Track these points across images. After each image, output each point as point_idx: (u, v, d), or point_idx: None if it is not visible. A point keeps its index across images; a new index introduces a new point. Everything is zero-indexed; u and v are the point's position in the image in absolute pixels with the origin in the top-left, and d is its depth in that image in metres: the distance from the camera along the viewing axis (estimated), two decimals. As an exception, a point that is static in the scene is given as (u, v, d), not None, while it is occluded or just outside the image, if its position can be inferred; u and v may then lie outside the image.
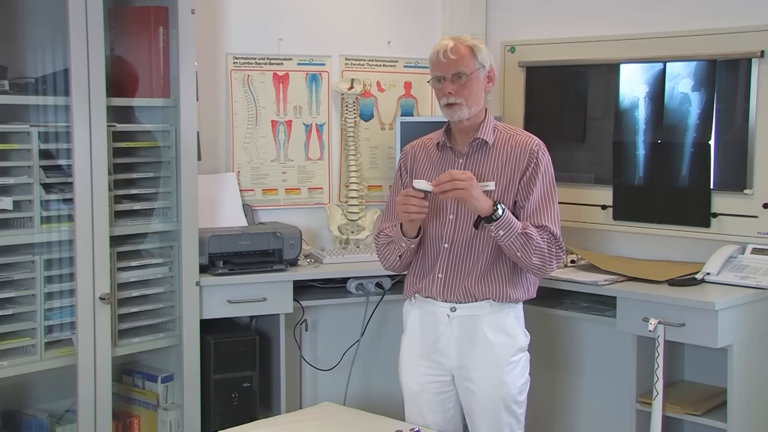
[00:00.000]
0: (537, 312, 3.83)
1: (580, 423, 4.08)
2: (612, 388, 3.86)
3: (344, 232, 4.11)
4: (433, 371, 2.96)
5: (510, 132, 2.96)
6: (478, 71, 2.89)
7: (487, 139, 2.91)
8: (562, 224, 2.94)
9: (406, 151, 3.10)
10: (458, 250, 2.91)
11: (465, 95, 2.86)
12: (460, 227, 2.90)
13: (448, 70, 2.87)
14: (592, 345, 3.99)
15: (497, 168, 2.90)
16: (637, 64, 3.85)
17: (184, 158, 3.37)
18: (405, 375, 3.03)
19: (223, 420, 3.43)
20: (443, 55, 2.87)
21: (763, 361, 3.37)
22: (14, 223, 3.09)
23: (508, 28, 4.34)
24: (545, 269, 2.86)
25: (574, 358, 4.08)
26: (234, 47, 3.97)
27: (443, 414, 2.99)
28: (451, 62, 2.86)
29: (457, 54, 2.86)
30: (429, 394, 2.98)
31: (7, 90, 3.07)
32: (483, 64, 2.90)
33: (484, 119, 2.94)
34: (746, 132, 3.56)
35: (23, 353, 3.10)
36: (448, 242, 2.92)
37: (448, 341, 2.92)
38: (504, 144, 2.92)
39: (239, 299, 3.53)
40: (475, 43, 2.92)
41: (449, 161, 2.96)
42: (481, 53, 2.90)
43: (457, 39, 2.92)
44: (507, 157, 2.90)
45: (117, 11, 3.39)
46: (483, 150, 2.93)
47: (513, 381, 2.91)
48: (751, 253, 3.51)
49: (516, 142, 2.92)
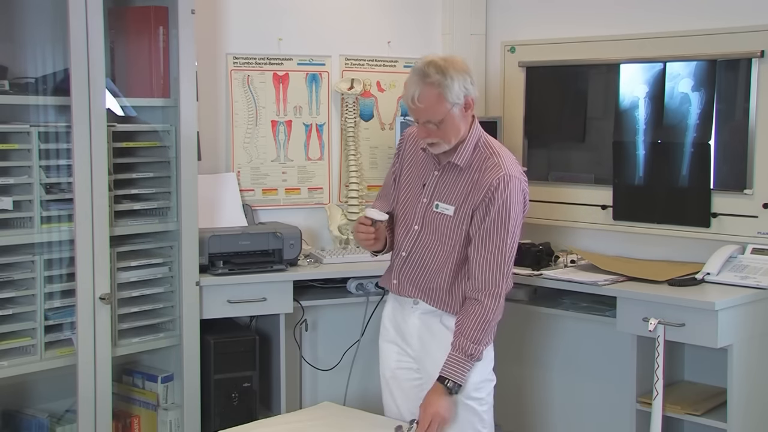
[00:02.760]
0: (537, 312, 3.84)
1: (580, 423, 4.07)
2: (612, 388, 3.86)
3: (344, 232, 4.11)
4: (402, 358, 3.00)
5: (486, 155, 2.83)
6: (451, 110, 2.75)
7: (459, 163, 2.84)
8: (562, 224, 2.94)
9: (405, 137, 3.08)
10: (414, 262, 2.92)
11: (441, 136, 2.79)
12: (422, 239, 2.90)
13: (420, 117, 2.78)
14: (592, 345, 3.99)
15: (461, 194, 2.84)
16: (637, 64, 3.85)
17: (184, 158, 3.37)
18: (380, 361, 3.07)
19: (223, 420, 3.43)
20: (411, 102, 2.76)
21: (763, 361, 3.37)
22: (14, 223, 3.09)
23: (508, 28, 4.34)
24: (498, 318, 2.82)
25: (574, 358, 4.07)
26: (234, 47, 3.97)
27: (416, 402, 2.91)
28: (419, 110, 2.76)
29: (424, 102, 2.72)
30: (400, 380, 3.01)
31: (7, 90, 3.07)
32: (456, 101, 2.73)
33: (465, 140, 2.83)
34: (746, 132, 3.56)
35: (23, 353, 3.10)
36: (406, 251, 2.93)
37: (411, 332, 2.96)
38: (474, 170, 2.83)
39: (239, 299, 3.53)
40: (444, 82, 2.71)
41: (429, 169, 2.93)
42: (452, 92, 2.71)
43: (426, 78, 2.71)
44: (472, 186, 2.82)
45: (117, 11, 3.39)
46: (455, 171, 2.86)
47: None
48: (751, 253, 3.51)
49: (483, 170, 2.80)
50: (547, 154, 4.15)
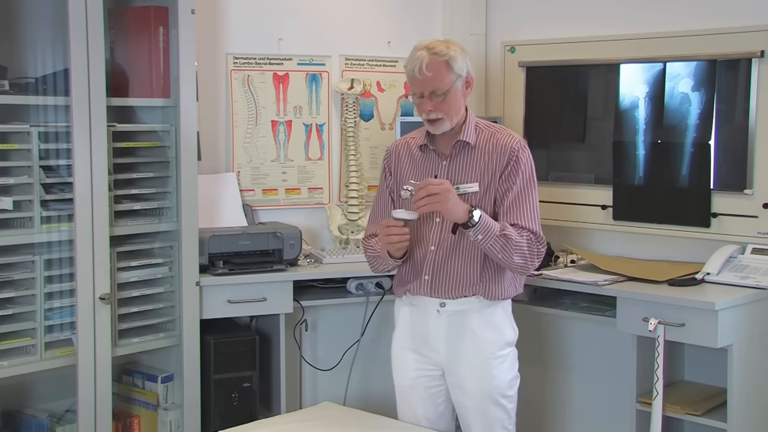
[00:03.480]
0: (537, 312, 3.84)
1: (579, 423, 4.07)
2: (612, 388, 3.86)
3: (344, 232, 4.11)
4: (423, 366, 2.98)
5: (491, 130, 2.95)
6: (455, 83, 2.85)
7: (469, 140, 2.91)
8: (563, 224, 2.95)
9: (390, 151, 3.10)
10: (444, 253, 2.92)
11: (445, 110, 2.85)
12: (446, 230, 2.91)
13: (425, 88, 2.83)
14: (593, 345, 3.99)
15: (480, 168, 2.90)
16: (637, 64, 3.85)
17: (184, 158, 3.37)
18: (396, 370, 3.05)
19: (223, 420, 3.43)
20: (419, 72, 2.81)
21: (763, 361, 3.37)
22: (14, 223, 3.09)
23: (508, 28, 4.34)
24: (527, 267, 2.87)
25: (574, 358, 4.07)
26: (234, 47, 3.97)
27: (434, 409, 2.99)
28: (427, 80, 2.82)
29: (432, 70, 2.81)
30: (419, 388, 2.99)
31: (7, 90, 3.07)
32: (460, 73, 2.85)
33: (465, 120, 2.93)
34: (746, 132, 3.56)
35: (23, 353, 3.10)
36: (435, 245, 2.93)
37: (437, 336, 2.94)
38: (485, 144, 2.92)
39: (239, 299, 3.53)
40: (449, 53, 2.83)
41: (432, 163, 2.96)
42: (457, 63, 2.84)
43: (432, 50, 2.83)
44: (489, 157, 2.90)
45: (117, 11, 3.39)
46: (465, 151, 2.93)
47: (501, 375, 2.93)
48: (751, 253, 3.51)
49: (497, 140, 2.91)
50: (547, 154, 4.15)
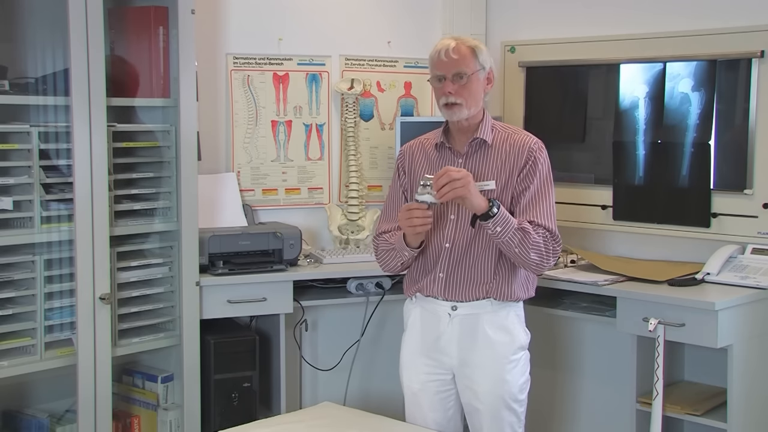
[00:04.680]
0: (537, 312, 3.83)
1: (580, 423, 4.08)
2: (612, 388, 3.86)
3: (344, 232, 4.11)
4: (433, 370, 2.97)
5: (508, 131, 2.97)
6: (479, 72, 2.90)
7: (486, 138, 2.92)
8: (562, 224, 2.95)
9: (404, 151, 3.10)
10: (459, 250, 2.91)
11: (465, 96, 2.87)
12: (461, 227, 2.91)
13: (449, 70, 2.87)
14: (592, 345, 3.99)
15: (496, 167, 2.91)
16: (637, 64, 3.85)
17: (184, 158, 3.37)
18: (405, 374, 3.03)
19: (223, 420, 3.43)
20: (445, 55, 2.87)
21: (763, 361, 3.37)
22: (14, 223, 3.09)
23: (508, 28, 4.34)
24: (543, 265, 2.86)
25: (574, 358, 4.08)
26: (234, 47, 3.97)
27: (444, 413, 2.99)
28: (452, 62, 2.87)
29: (458, 54, 2.87)
30: (429, 392, 2.98)
31: (7, 90, 3.07)
32: (483, 65, 2.91)
33: (483, 119, 2.96)
34: (746, 132, 3.56)
35: (23, 353, 3.10)
36: (449, 242, 2.92)
37: (449, 340, 2.93)
38: (502, 143, 2.93)
39: (239, 299, 3.53)
40: (476, 44, 2.93)
41: (448, 161, 2.96)
42: (482, 54, 2.91)
43: (459, 39, 2.93)
44: (506, 156, 2.91)
45: (117, 11, 3.39)
46: (482, 149, 2.94)
47: (514, 379, 2.92)
48: (751, 253, 3.51)
49: (514, 140, 2.93)
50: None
